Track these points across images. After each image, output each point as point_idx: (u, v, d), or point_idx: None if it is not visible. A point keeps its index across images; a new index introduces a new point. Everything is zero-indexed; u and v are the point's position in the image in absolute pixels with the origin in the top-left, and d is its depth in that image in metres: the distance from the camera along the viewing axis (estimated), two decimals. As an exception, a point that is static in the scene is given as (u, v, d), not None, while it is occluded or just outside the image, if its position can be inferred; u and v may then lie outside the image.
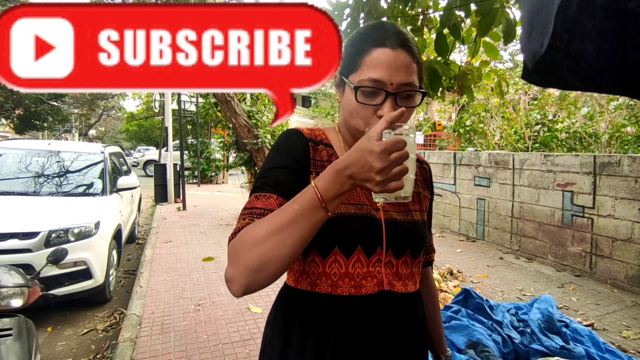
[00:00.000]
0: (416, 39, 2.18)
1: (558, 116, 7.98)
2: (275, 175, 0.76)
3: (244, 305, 3.35)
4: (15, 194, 3.63)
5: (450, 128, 10.07)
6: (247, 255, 0.62)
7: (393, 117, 0.60)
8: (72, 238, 3.16)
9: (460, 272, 4.38)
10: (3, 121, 16.23)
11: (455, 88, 2.39)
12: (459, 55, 14.01)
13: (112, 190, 4.19)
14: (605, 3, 0.43)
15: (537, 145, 7.46)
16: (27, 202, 3.51)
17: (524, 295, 3.83)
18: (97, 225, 3.40)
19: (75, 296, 3.19)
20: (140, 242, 5.80)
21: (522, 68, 0.60)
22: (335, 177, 0.61)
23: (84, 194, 3.96)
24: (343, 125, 0.87)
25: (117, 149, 5.74)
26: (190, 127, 13.77)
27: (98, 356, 2.77)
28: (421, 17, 2.19)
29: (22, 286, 1.61)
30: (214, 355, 2.62)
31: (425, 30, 2.25)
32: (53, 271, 2.97)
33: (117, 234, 4.00)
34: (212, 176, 13.12)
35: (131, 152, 22.71)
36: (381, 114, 0.73)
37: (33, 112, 15.13)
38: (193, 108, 11.25)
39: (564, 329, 2.43)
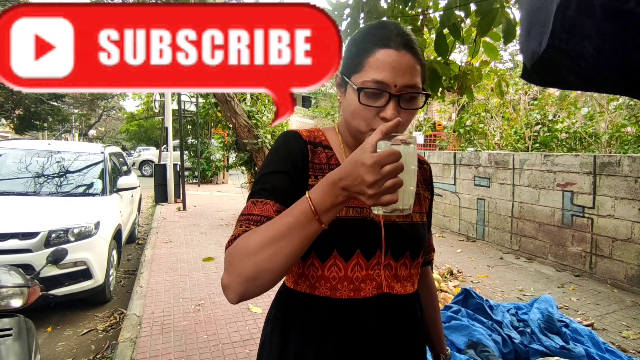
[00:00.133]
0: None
1: (558, 116, 7.98)
2: (272, 180, 0.76)
3: (244, 305, 3.34)
4: (15, 194, 3.63)
5: (450, 128, 10.08)
6: (242, 264, 0.63)
7: (388, 128, 0.58)
8: (72, 238, 3.16)
9: (460, 272, 4.38)
10: (3, 121, 16.23)
11: (455, 88, 2.39)
12: (459, 55, 14.01)
13: (112, 190, 4.19)
14: (604, 3, 0.43)
15: (537, 145, 7.46)
16: (27, 202, 3.51)
17: (524, 295, 3.83)
18: (97, 225, 3.40)
19: (75, 296, 3.19)
20: (140, 242, 5.80)
21: (522, 68, 0.60)
22: (329, 189, 0.60)
23: (84, 194, 3.96)
24: (343, 125, 0.86)
25: (117, 149, 5.74)
26: (190, 127, 13.77)
27: (98, 356, 2.77)
28: (421, 17, 2.19)
29: (22, 286, 1.61)
30: (214, 355, 2.62)
31: (425, 30, 2.25)
32: (53, 271, 2.97)
33: (117, 234, 4.00)
34: (212, 176, 13.12)
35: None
36: (384, 116, 0.72)
37: (33, 112, 15.13)
38: (193, 108, 11.25)
39: (564, 329, 2.43)
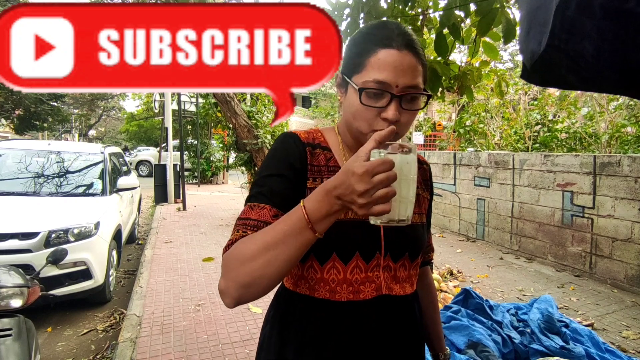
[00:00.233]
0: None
1: (558, 116, 7.98)
2: (270, 184, 0.76)
3: (244, 305, 3.34)
4: (15, 194, 3.63)
5: (450, 128, 10.08)
6: (237, 271, 0.64)
7: (381, 136, 0.57)
8: (72, 238, 3.16)
9: (460, 272, 4.38)
10: (3, 121, 16.21)
11: (455, 88, 2.39)
12: (459, 55, 14.01)
13: (112, 190, 4.18)
14: (604, 3, 0.43)
15: (537, 145, 7.46)
16: (27, 203, 3.51)
17: (524, 295, 3.83)
18: (97, 225, 3.39)
19: (75, 296, 3.19)
20: (140, 243, 5.80)
21: (522, 67, 0.60)
22: (323, 198, 0.60)
23: (84, 194, 3.96)
24: (343, 125, 0.85)
25: (117, 149, 5.73)
26: (190, 128, 13.77)
27: (98, 356, 2.77)
28: (421, 17, 2.19)
29: (22, 286, 1.61)
30: (214, 355, 2.62)
31: (425, 30, 2.25)
32: (53, 271, 2.97)
33: (117, 234, 4.00)
34: (212, 176, 13.12)
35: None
36: (385, 117, 0.72)
37: (33, 113, 15.11)
38: (193, 108, 11.24)
39: (564, 329, 2.43)
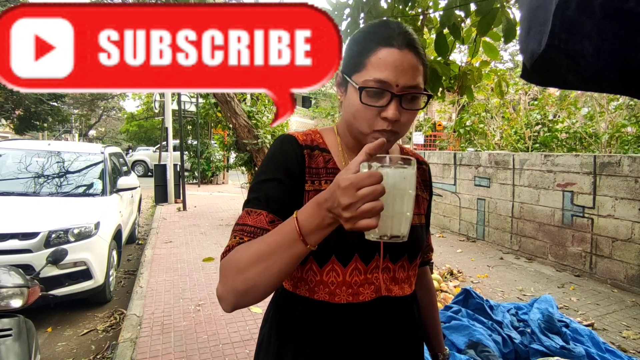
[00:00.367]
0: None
1: (558, 116, 7.98)
2: (266, 189, 0.76)
3: (244, 305, 3.34)
4: (15, 195, 3.63)
5: (450, 128, 10.08)
6: (233, 279, 0.65)
7: (371, 149, 0.56)
8: (72, 238, 3.16)
9: (460, 272, 4.38)
10: (3, 122, 16.21)
11: (455, 88, 2.39)
12: (459, 55, 14.01)
13: (112, 190, 4.18)
14: (604, 3, 0.43)
15: (537, 145, 7.46)
16: (27, 203, 3.51)
17: (524, 295, 3.82)
18: (97, 225, 3.39)
19: (75, 296, 3.19)
20: (140, 243, 5.80)
21: (522, 67, 0.60)
22: (315, 210, 0.59)
23: (84, 195, 3.96)
24: (343, 125, 0.84)
25: (117, 150, 5.73)
26: (190, 128, 13.77)
27: (98, 356, 2.77)
28: (421, 17, 2.19)
29: (22, 286, 1.61)
30: (214, 355, 2.62)
31: (425, 30, 2.25)
32: (53, 271, 2.97)
33: (117, 235, 4.00)
34: (213, 177, 13.12)
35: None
36: (385, 116, 0.72)
37: (33, 113, 15.11)
38: (193, 108, 11.24)
39: (564, 329, 2.43)
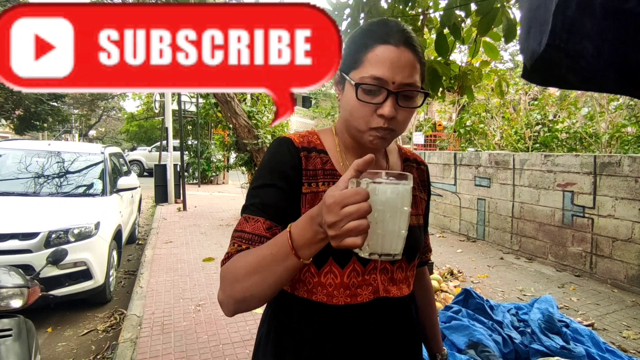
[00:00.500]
0: (416, 39, 2.18)
1: (558, 116, 7.98)
2: (263, 195, 0.76)
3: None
4: (15, 195, 3.63)
5: (450, 128, 10.09)
6: (232, 288, 0.67)
7: (359, 165, 0.55)
8: (72, 238, 3.16)
9: (460, 272, 4.38)
10: (3, 122, 16.20)
11: (455, 88, 2.39)
12: (459, 55, 14.02)
13: (112, 190, 4.18)
14: (604, 2, 0.43)
15: (538, 145, 7.46)
16: (27, 203, 3.51)
17: (525, 295, 3.82)
18: (97, 225, 3.39)
19: (75, 297, 3.19)
20: (140, 243, 5.80)
21: (522, 67, 0.60)
22: (308, 224, 0.58)
23: (84, 195, 3.96)
24: (341, 125, 0.84)
25: (118, 150, 5.74)
26: (190, 128, 13.76)
27: (98, 357, 2.77)
28: (421, 17, 2.19)
29: (22, 287, 1.61)
30: (215, 355, 2.62)
31: (425, 30, 2.25)
32: (53, 272, 2.97)
33: (118, 235, 4.00)
34: (213, 177, 13.12)
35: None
36: (381, 113, 0.72)
37: (33, 113, 15.11)
38: (193, 108, 11.23)
39: (565, 329, 2.43)
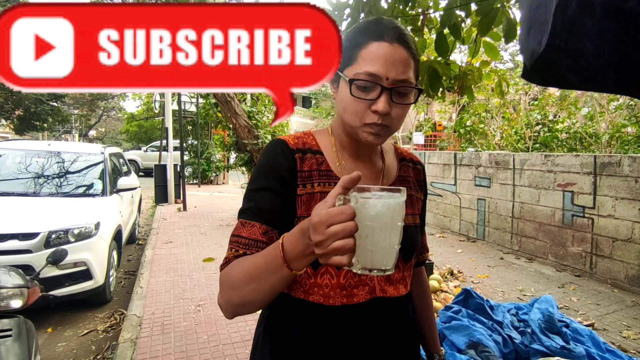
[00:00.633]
0: (416, 39, 2.19)
1: (558, 116, 7.98)
2: (259, 198, 0.77)
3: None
4: (15, 195, 3.63)
5: (450, 128, 10.09)
6: (230, 294, 0.70)
7: (346, 182, 0.54)
8: (72, 239, 3.16)
9: (460, 273, 4.38)
10: (3, 122, 16.20)
11: (455, 88, 2.39)
12: (459, 55, 14.02)
13: (112, 190, 4.18)
14: (604, 2, 0.43)
15: (538, 145, 7.46)
16: (27, 203, 3.51)
17: (525, 295, 3.82)
18: (97, 226, 3.39)
19: (75, 297, 3.19)
20: (140, 243, 5.80)
21: (522, 67, 0.60)
22: (299, 237, 0.58)
23: (84, 195, 3.96)
24: (336, 123, 0.84)
25: (118, 150, 5.74)
26: (190, 128, 13.77)
27: (98, 357, 2.77)
28: (421, 17, 2.19)
29: (22, 287, 1.61)
30: (215, 355, 2.62)
31: (425, 30, 2.25)
32: (53, 272, 2.97)
33: (118, 235, 4.00)
34: (213, 177, 13.12)
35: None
36: (375, 109, 0.72)
37: (33, 113, 15.11)
38: (193, 108, 11.24)
39: (565, 329, 2.43)
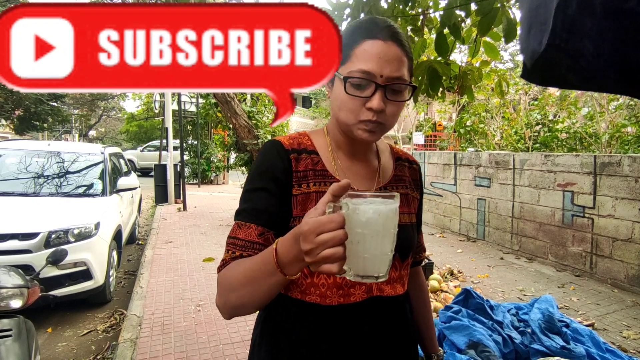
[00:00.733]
0: (416, 39, 2.19)
1: (558, 116, 7.98)
2: (255, 200, 0.77)
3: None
4: (15, 195, 3.63)
5: (450, 128, 10.09)
6: (227, 296, 0.71)
7: (335, 190, 0.54)
8: (72, 239, 3.16)
9: (460, 272, 4.38)
10: (3, 122, 16.20)
11: (455, 88, 2.39)
12: (459, 55, 14.03)
13: (112, 190, 4.18)
14: (604, 2, 0.43)
15: (538, 145, 7.46)
16: (27, 203, 3.51)
17: (525, 295, 3.82)
18: (97, 226, 3.39)
19: (75, 297, 3.19)
20: (140, 243, 5.80)
21: (522, 67, 0.60)
22: (292, 243, 0.58)
23: (84, 195, 3.96)
24: (332, 123, 0.85)
25: (118, 150, 5.74)
26: (190, 128, 13.77)
27: (98, 357, 2.77)
28: (421, 17, 2.19)
29: (22, 287, 1.61)
30: (215, 355, 2.62)
31: (425, 30, 2.25)
32: (53, 272, 2.97)
33: (117, 235, 4.00)
34: (213, 177, 13.13)
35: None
36: (370, 106, 0.72)
37: (33, 113, 15.11)
38: (193, 109, 11.25)
39: (565, 329, 2.43)
